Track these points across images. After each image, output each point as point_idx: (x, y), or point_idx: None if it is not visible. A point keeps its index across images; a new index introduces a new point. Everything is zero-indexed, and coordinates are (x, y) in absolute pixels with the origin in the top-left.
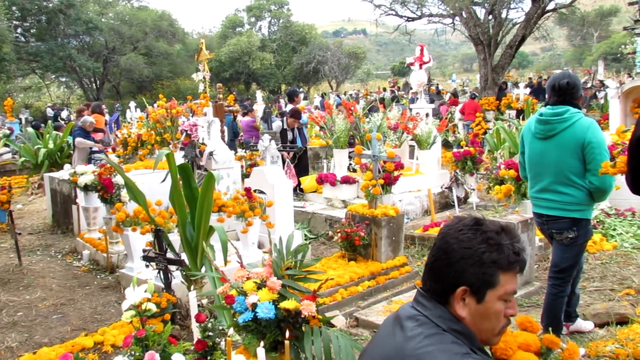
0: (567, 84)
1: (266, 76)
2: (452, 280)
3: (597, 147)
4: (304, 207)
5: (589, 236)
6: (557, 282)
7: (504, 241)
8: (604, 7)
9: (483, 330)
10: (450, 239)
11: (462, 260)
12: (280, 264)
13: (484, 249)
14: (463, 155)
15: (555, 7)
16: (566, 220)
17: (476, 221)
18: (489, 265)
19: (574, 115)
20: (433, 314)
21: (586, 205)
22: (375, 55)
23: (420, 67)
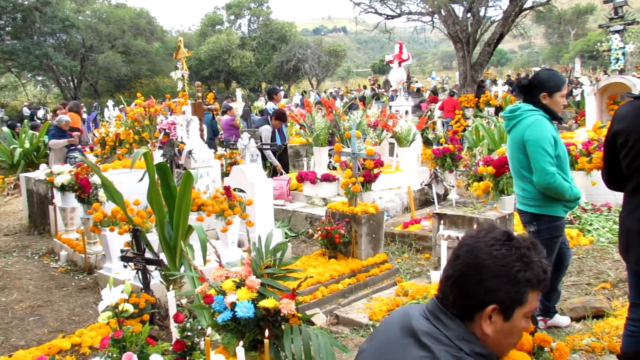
0: (519, 81)
1: (246, 74)
2: (482, 298)
3: (532, 145)
4: (284, 205)
5: (555, 233)
6: None
7: (535, 258)
8: (581, 5)
9: (504, 346)
10: (482, 254)
11: (495, 279)
12: (259, 262)
13: (519, 268)
14: (442, 153)
15: (533, 5)
16: (527, 215)
17: (508, 236)
18: (523, 285)
19: (523, 112)
20: (456, 336)
21: (544, 201)
22: (355, 53)
23: (400, 65)
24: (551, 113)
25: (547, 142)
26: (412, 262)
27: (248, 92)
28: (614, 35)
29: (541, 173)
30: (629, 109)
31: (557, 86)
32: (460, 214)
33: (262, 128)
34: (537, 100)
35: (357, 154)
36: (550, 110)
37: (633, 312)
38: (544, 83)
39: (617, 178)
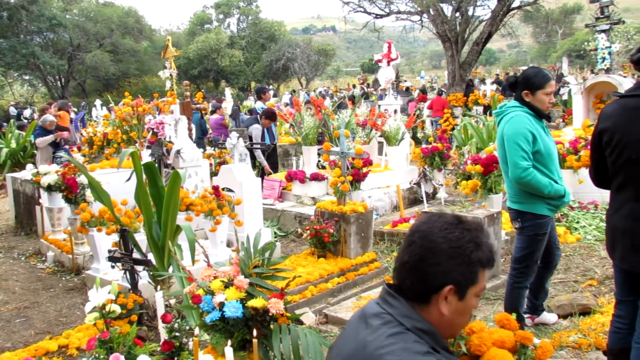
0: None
1: (235, 73)
2: (438, 280)
3: (507, 140)
4: (273, 205)
5: (538, 231)
6: (513, 272)
7: (483, 240)
8: (568, 4)
9: (457, 326)
10: (436, 238)
11: (451, 260)
12: (248, 262)
13: (472, 249)
14: (431, 152)
15: (520, 4)
16: (512, 211)
17: (458, 220)
18: (475, 264)
19: (507, 109)
20: (399, 313)
21: (526, 199)
22: (344, 52)
23: (388, 64)
24: (536, 110)
25: (522, 137)
26: None
27: (237, 92)
28: (600, 35)
29: (513, 167)
30: (615, 107)
31: (539, 84)
32: (449, 212)
33: (252, 127)
34: (520, 97)
35: (345, 153)
36: (534, 107)
37: (619, 309)
38: (527, 81)
39: (604, 176)
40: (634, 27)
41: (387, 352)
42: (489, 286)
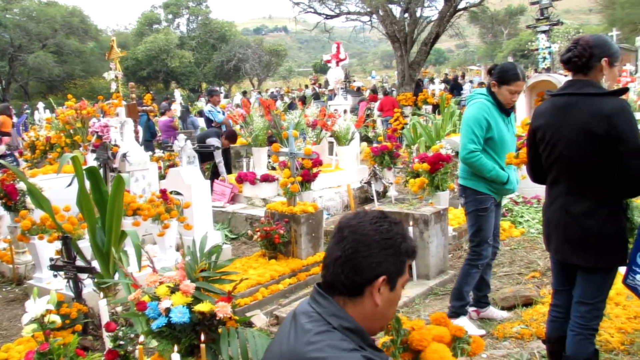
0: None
1: (186, 74)
2: (372, 271)
3: (464, 122)
4: (224, 207)
5: (479, 206)
6: (469, 252)
7: (406, 232)
8: (512, 6)
9: (387, 317)
10: (368, 231)
11: (383, 251)
12: (194, 266)
13: (401, 240)
14: (381, 150)
15: (466, 5)
16: (460, 187)
17: (384, 214)
18: (404, 255)
19: (475, 95)
20: (327, 312)
21: (470, 175)
22: (297, 53)
23: (338, 65)
24: (498, 102)
25: (476, 122)
26: None
27: (188, 93)
28: (541, 35)
29: (462, 148)
30: (547, 106)
31: (506, 80)
32: (397, 210)
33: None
34: (489, 87)
35: (294, 153)
36: (497, 99)
37: (556, 298)
38: (498, 73)
39: (539, 171)
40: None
41: (313, 349)
42: (436, 282)
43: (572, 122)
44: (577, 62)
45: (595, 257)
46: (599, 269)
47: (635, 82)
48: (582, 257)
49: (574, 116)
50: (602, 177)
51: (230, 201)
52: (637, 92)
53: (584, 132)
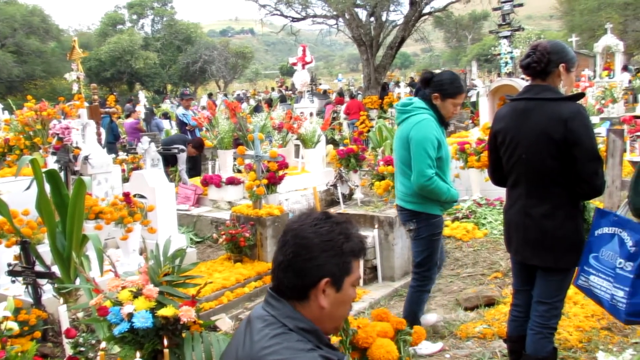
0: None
1: (150, 76)
2: (314, 274)
3: (415, 144)
4: (189, 210)
5: (435, 230)
6: (415, 277)
7: (352, 230)
8: (476, 11)
9: (338, 317)
10: (308, 234)
11: (324, 253)
12: (158, 270)
13: (342, 240)
14: (347, 153)
15: (431, 10)
16: (407, 212)
17: (327, 215)
18: (347, 254)
19: (414, 109)
20: (281, 314)
21: (422, 199)
22: (263, 55)
23: (303, 67)
24: (440, 116)
25: (430, 143)
26: None
27: (153, 94)
28: (503, 41)
29: (418, 174)
30: (507, 110)
31: (451, 93)
32: (362, 212)
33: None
34: (430, 99)
35: (260, 156)
36: (439, 112)
37: (516, 298)
38: (441, 85)
39: (500, 174)
40: (535, 33)
41: (270, 352)
42: (401, 283)
43: (530, 126)
44: (535, 67)
45: (554, 258)
46: (557, 269)
47: (593, 87)
48: (541, 257)
49: (532, 120)
50: (560, 179)
51: (195, 204)
52: (595, 96)
53: (542, 136)
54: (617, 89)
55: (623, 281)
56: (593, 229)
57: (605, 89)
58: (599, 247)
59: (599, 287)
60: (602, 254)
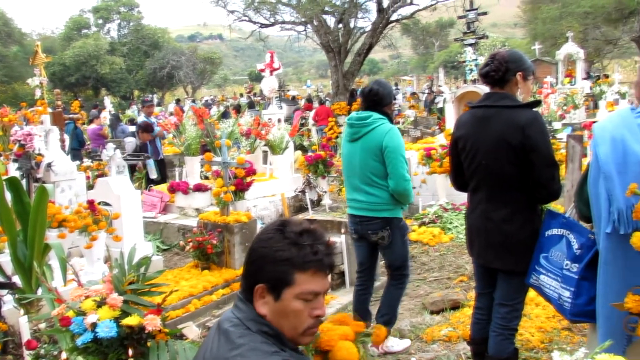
0: (370, 91)
1: (116, 81)
2: (253, 278)
3: (392, 151)
4: (155, 218)
5: (405, 231)
6: (396, 277)
7: (303, 241)
8: (443, 19)
9: (285, 329)
10: (256, 239)
11: (260, 259)
12: (122, 278)
13: (278, 247)
14: (315, 159)
15: (398, 18)
16: (378, 221)
17: (281, 223)
18: (282, 263)
19: (376, 120)
20: (246, 317)
21: (394, 205)
22: (232, 61)
23: (271, 74)
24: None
25: (404, 150)
26: None
27: (119, 100)
28: (468, 48)
29: (399, 179)
30: (468, 116)
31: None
32: (330, 218)
33: (126, 140)
34: (385, 110)
35: (227, 162)
36: (392, 119)
37: (479, 301)
38: (390, 94)
39: (462, 180)
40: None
41: (236, 354)
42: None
43: (490, 132)
44: (494, 76)
45: (514, 261)
46: (517, 272)
47: (556, 94)
48: (501, 260)
49: (491, 127)
50: (518, 184)
51: (162, 211)
52: (557, 102)
53: (501, 142)
54: (579, 96)
55: (569, 282)
56: (543, 230)
57: (567, 96)
58: (549, 248)
59: (548, 286)
60: (552, 254)
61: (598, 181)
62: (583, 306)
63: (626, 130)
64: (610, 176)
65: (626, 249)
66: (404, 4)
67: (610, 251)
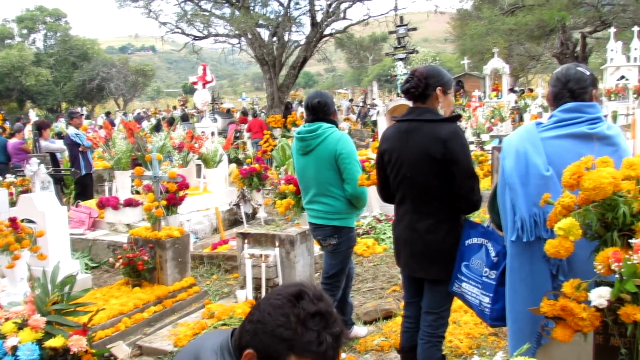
0: (318, 103)
1: (43, 93)
2: (246, 338)
3: (347, 157)
4: (84, 234)
5: (352, 243)
6: (327, 287)
7: (313, 325)
8: (376, 33)
9: None
10: (265, 298)
11: (260, 324)
12: (45, 299)
13: (283, 323)
14: (249, 172)
15: (332, 32)
16: (329, 228)
17: (299, 293)
18: (280, 341)
19: (326, 130)
20: None
21: (346, 214)
22: (165, 73)
23: (204, 87)
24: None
25: (357, 154)
26: (222, 282)
27: (46, 113)
28: (399, 62)
29: (356, 183)
30: (393, 130)
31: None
32: (263, 231)
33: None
34: (331, 118)
35: (158, 177)
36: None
37: (407, 310)
38: (333, 102)
39: (388, 192)
40: (431, 55)
41: None
42: None
43: (413, 146)
44: (414, 92)
45: (438, 270)
46: (441, 281)
47: (483, 107)
48: (426, 270)
49: (415, 140)
50: (442, 196)
51: (90, 228)
52: (485, 115)
53: (424, 155)
54: (505, 109)
55: (488, 288)
56: (463, 239)
57: (494, 109)
58: (469, 256)
59: (470, 294)
60: (472, 262)
61: (504, 192)
62: (501, 311)
63: (529, 144)
64: (514, 187)
65: (531, 255)
66: (337, 19)
67: (516, 258)
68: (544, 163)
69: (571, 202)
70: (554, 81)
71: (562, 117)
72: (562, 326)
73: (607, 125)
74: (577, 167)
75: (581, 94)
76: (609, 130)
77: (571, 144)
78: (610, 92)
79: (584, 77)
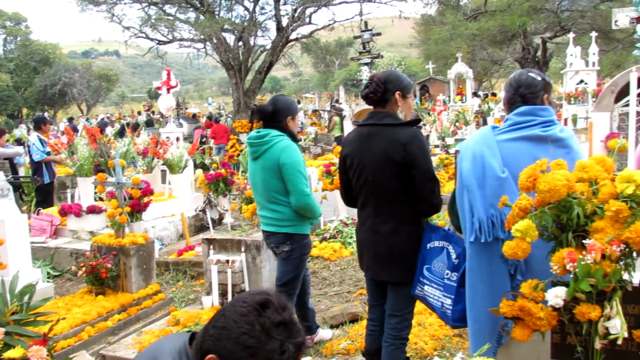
0: (259, 109)
1: (3, 99)
2: (208, 343)
3: (289, 168)
4: (45, 243)
5: (306, 250)
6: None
7: (276, 334)
8: (342, 38)
9: None
10: (230, 304)
11: (223, 330)
12: (4, 309)
13: (247, 330)
14: (215, 178)
15: (297, 37)
16: (280, 235)
17: (264, 302)
18: (243, 348)
19: (273, 138)
20: None
21: (297, 221)
22: (130, 78)
23: (168, 92)
24: (294, 137)
25: (302, 165)
26: (187, 289)
27: (6, 119)
28: (364, 67)
29: (300, 195)
30: (354, 135)
31: (296, 110)
32: (229, 237)
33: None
34: (282, 126)
35: (121, 183)
36: (293, 134)
37: (371, 313)
38: (288, 108)
39: (351, 195)
40: (397, 60)
41: None
42: None
43: (374, 149)
44: (373, 97)
45: (401, 273)
46: (404, 283)
47: (448, 111)
48: (389, 273)
49: (376, 144)
50: (403, 198)
51: (52, 236)
52: (450, 119)
53: (385, 159)
54: (469, 112)
55: (449, 290)
56: (425, 242)
57: (458, 113)
58: (431, 259)
59: (432, 296)
60: (434, 265)
61: (463, 194)
62: (462, 312)
63: (485, 147)
64: (471, 189)
65: (490, 256)
66: (303, 23)
67: (475, 258)
68: (500, 165)
69: (528, 205)
70: (507, 86)
71: (516, 120)
72: (520, 326)
73: (560, 127)
74: (533, 169)
75: (532, 98)
76: (561, 132)
77: (525, 146)
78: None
79: (535, 82)
